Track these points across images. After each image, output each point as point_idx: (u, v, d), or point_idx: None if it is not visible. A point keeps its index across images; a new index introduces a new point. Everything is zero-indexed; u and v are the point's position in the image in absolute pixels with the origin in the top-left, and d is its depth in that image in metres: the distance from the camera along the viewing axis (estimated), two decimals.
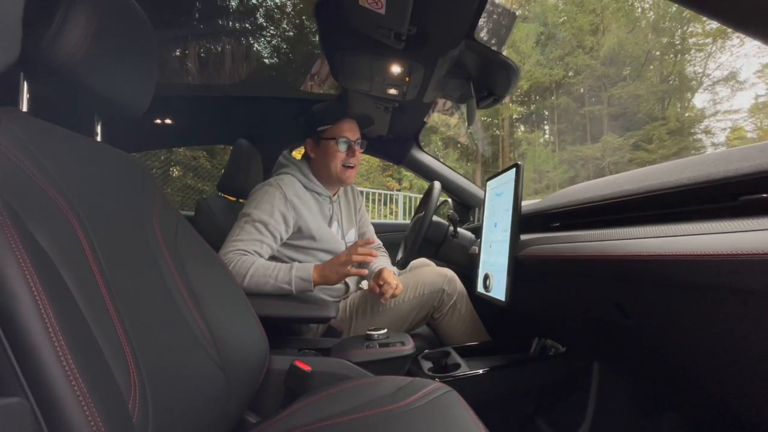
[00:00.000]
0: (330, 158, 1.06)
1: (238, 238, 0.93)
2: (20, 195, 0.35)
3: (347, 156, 1.07)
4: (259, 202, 0.97)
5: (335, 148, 1.05)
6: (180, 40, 1.63)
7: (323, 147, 1.07)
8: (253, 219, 0.95)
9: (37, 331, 0.28)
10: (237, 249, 0.91)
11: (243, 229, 0.95)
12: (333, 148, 1.05)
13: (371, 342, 0.87)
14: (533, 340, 0.99)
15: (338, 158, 1.06)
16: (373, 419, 0.55)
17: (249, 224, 0.95)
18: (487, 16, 0.90)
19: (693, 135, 9.42)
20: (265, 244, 0.95)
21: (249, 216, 0.96)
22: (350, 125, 1.08)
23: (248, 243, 0.93)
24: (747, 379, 0.48)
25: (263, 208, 0.96)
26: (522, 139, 12.22)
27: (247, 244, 0.93)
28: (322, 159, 1.08)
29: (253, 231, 0.94)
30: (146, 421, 0.37)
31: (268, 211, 0.96)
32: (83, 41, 0.45)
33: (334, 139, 1.05)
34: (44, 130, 0.43)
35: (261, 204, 0.97)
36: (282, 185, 1.01)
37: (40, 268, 0.31)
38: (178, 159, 5.38)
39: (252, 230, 0.94)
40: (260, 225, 0.95)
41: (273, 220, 0.96)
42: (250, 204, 0.99)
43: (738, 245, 0.36)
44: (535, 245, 0.72)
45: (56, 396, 0.28)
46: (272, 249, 0.98)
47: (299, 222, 1.02)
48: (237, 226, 0.96)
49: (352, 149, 1.07)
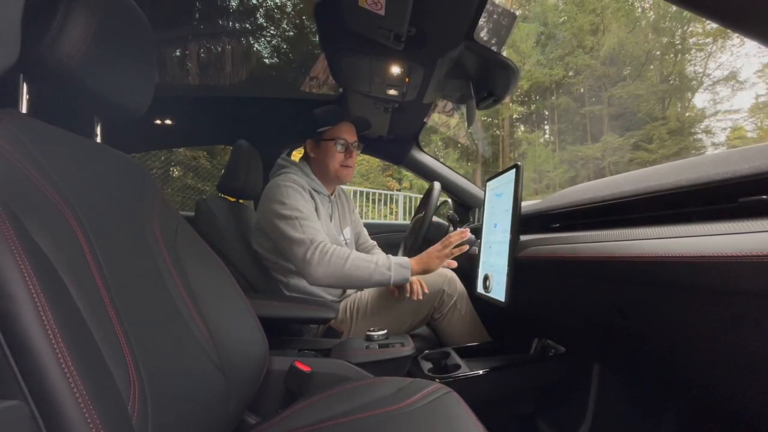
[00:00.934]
0: (329, 158, 1.10)
1: (305, 230, 0.95)
2: (19, 196, 0.35)
3: (345, 157, 1.11)
4: (291, 197, 1.00)
5: (333, 149, 1.09)
6: (180, 40, 1.63)
7: (322, 147, 1.11)
8: (301, 210, 0.98)
9: (36, 333, 0.28)
10: (316, 235, 0.94)
11: (299, 221, 0.96)
12: (332, 149, 1.10)
13: (371, 343, 0.87)
14: (533, 341, 0.99)
15: (336, 159, 1.10)
16: (373, 420, 0.55)
17: (301, 215, 0.97)
18: (486, 17, 0.90)
19: (693, 135, 9.41)
20: (321, 231, 0.99)
21: (294, 209, 0.98)
22: (348, 128, 1.12)
23: (317, 231, 0.96)
24: (746, 381, 0.48)
25: (299, 201, 1.00)
26: (522, 139, 12.22)
27: (318, 230, 0.96)
28: (321, 159, 1.12)
29: (310, 219, 0.98)
30: (146, 423, 0.37)
31: (303, 204, 1.00)
32: (83, 42, 0.45)
33: (332, 141, 1.09)
34: (44, 131, 0.43)
35: (294, 198, 1.00)
36: (294, 180, 1.05)
37: (39, 269, 0.31)
38: (178, 159, 5.37)
39: (309, 218, 0.98)
40: (308, 213, 0.99)
41: (310, 209, 1.01)
42: (282, 202, 0.99)
43: (738, 247, 0.36)
44: (534, 246, 0.72)
45: (55, 398, 0.28)
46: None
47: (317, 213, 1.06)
48: (289, 223, 0.96)
49: (350, 151, 1.12)
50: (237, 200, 1.32)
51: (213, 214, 1.13)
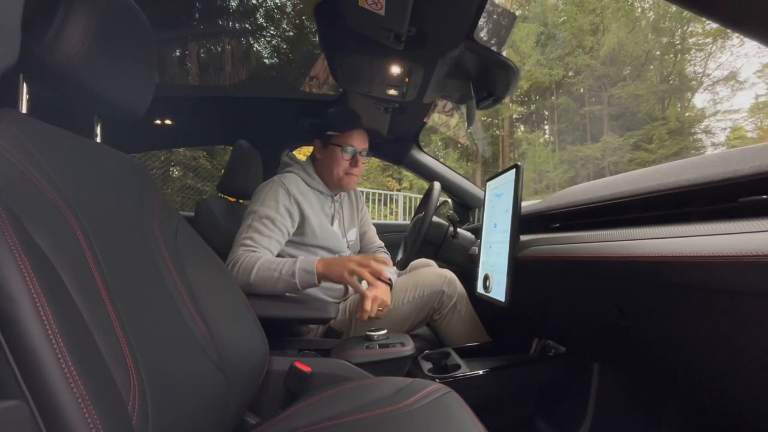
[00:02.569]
0: (334, 163, 1.09)
1: (246, 236, 0.94)
2: (19, 197, 0.35)
3: (350, 165, 1.10)
4: (264, 199, 0.99)
5: (340, 154, 1.08)
6: (180, 40, 1.63)
7: (329, 151, 1.10)
8: (260, 215, 0.96)
9: (36, 333, 0.28)
10: (246, 246, 0.92)
11: (251, 226, 0.95)
12: (338, 155, 1.08)
13: (371, 343, 0.87)
14: (533, 341, 0.99)
15: (341, 165, 1.09)
16: (373, 420, 0.55)
17: (256, 221, 0.96)
18: (486, 17, 0.90)
19: (693, 135, 9.42)
20: (273, 240, 0.96)
21: (255, 213, 0.97)
22: (359, 135, 1.10)
23: (257, 239, 0.94)
24: (747, 380, 0.48)
25: (268, 204, 0.98)
26: (522, 139, 12.22)
27: (256, 241, 0.93)
28: (326, 162, 1.11)
29: (261, 227, 0.95)
30: (146, 423, 0.36)
31: (273, 207, 0.97)
32: (82, 43, 0.45)
33: (340, 147, 1.08)
34: (44, 131, 0.43)
35: (266, 200, 0.98)
36: (285, 182, 1.03)
37: (39, 270, 0.31)
38: (178, 159, 5.38)
39: (260, 227, 0.95)
40: (267, 221, 0.96)
41: (279, 216, 0.98)
42: (255, 201, 1.00)
43: (738, 247, 0.36)
44: (534, 246, 0.72)
45: (55, 399, 0.28)
46: (280, 244, 0.99)
47: (302, 218, 1.03)
48: (244, 225, 0.96)
49: (356, 159, 1.10)
50: (237, 200, 1.33)
51: (213, 214, 1.13)
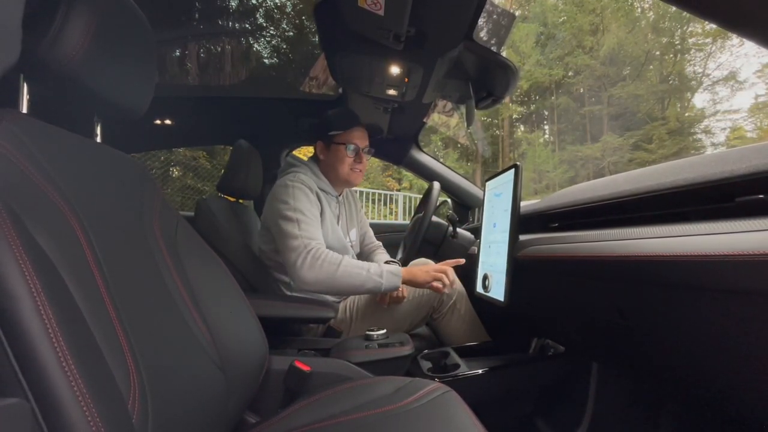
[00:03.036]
0: (338, 162, 1.10)
1: (304, 233, 0.94)
2: (20, 196, 0.35)
3: (355, 161, 1.11)
4: (294, 198, 0.99)
5: (344, 153, 1.09)
6: (180, 40, 1.63)
7: (333, 151, 1.11)
8: (302, 211, 0.98)
9: (36, 332, 0.28)
10: (313, 239, 0.94)
11: (300, 222, 0.96)
12: (342, 153, 1.09)
13: (370, 342, 0.87)
14: (532, 341, 0.99)
15: (346, 163, 1.10)
16: (373, 419, 0.55)
17: (302, 217, 0.97)
18: (486, 17, 0.90)
19: (693, 135, 9.41)
20: (321, 234, 0.99)
21: (296, 210, 0.97)
22: (360, 133, 1.12)
23: (316, 234, 0.96)
24: (745, 379, 0.49)
25: (303, 203, 0.99)
26: (522, 139, 12.22)
27: (316, 235, 0.96)
28: (330, 162, 1.12)
29: (311, 221, 0.97)
30: (146, 422, 0.37)
31: (306, 202, 1.00)
32: (83, 43, 0.45)
33: (344, 145, 1.09)
34: (44, 131, 0.43)
35: (297, 198, 0.99)
36: (303, 180, 1.05)
37: (40, 269, 0.31)
38: (177, 159, 5.38)
39: (309, 221, 0.97)
40: (310, 215, 0.99)
41: (315, 209, 1.01)
42: (285, 201, 0.99)
43: (735, 246, 0.36)
44: (534, 246, 0.72)
45: (56, 397, 0.28)
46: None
47: (322, 214, 1.06)
48: (291, 223, 0.96)
49: (360, 155, 1.11)
50: (237, 200, 1.33)
51: (213, 214, 1.13)
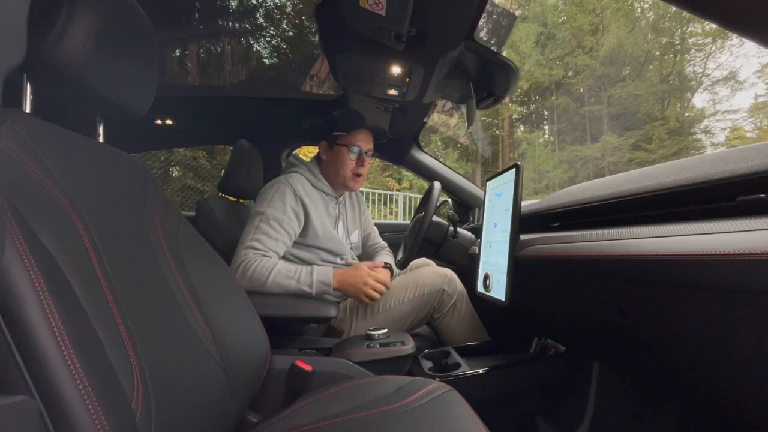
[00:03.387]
0: (340, 164, 1.09)
1: (255, 238, 0.94)
2: (24, 196, 0.35)
3: (357, 164, 1.10)
4: (271, 200, 0.99)
5: (346, 155, 1.08)
6: (180, 40, 1.63)
7: (335, 152, 1.10)
8: (268, 217, 0.96)
9: (41, 330, 0.29)
10: (255, 249, 0.92)
11: (258, 228, 0.95)
12: (344, 155, 1.08)
13: (372, 342, 0.87)
14: (533, 340, 0.99)
15: (348, 165, 1.09)
16: (374, 418, 0.56)
17: (264, 223, 0.96)
18: (486, 17, 0.90)
19: (693, 135, 9.41)
20: (280, 242, 0.97)
21: (263, 214, 0.97)
22: (365, 135, 1.11)
23: (266, 242, 0.94)
24: (745, 379, 0.49)
25: (276, 206, 0.98)
26: (522, 139, 12.23)
27: (265, 243, 0.94)
28: (332, 163, 1.11)
29: (269, 230, 0.95)
30: (149, 420, 0.37)
31: (281, 209, 0.98)
32: (85, 43, 0.45)
33: (346, 146, 1.08)
34: (47, 131, 0.44)
35: (273, 202, 0.98)
36: (291, 182, 1.03)
37: (45, 269, 0.31)
38: (178, 159, 5.38)
39: (268, 229, 0.95)
40: (275, 223, 0.96)
41: (286, 217, 0.98)
42: (262, 202, 0.99)
43: (736, 245, 0.36)
44: (534, 245, 0.72)
45: (61, 394, 0.28)
46: (287, 246, 0.99)
47: (306, 219, 1.04)
48: (251, 226, 0.96)
49: (362, 159, 1.10)
50: (238, 200, 1.33)
51: (214, 213, 1.13)
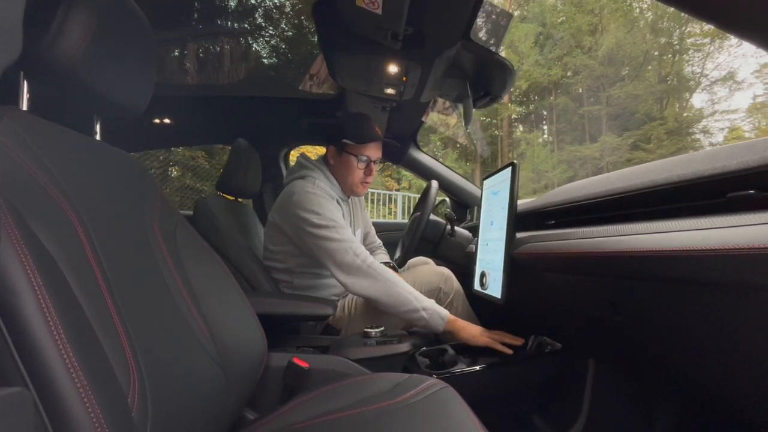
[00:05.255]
0: (348, 172, 1.10)
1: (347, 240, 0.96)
2: (21, 193, 0.36)
3: (365, 174, 1.11)
4: (324, 208, 0.99)
5: (355, 164, 1.09)
6: (179, 40, 1.63)
7: (344, 159, 1.10)
8: (336, 221, 0.98)
9: (38, 325, 0.29)
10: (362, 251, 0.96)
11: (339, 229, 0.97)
12: (353, 164, 1.09)
13: (369, 339, 0.87)
14: (529, 338, 1.00)
15: (356, 174, 1.10)
16: (371, 415, 0.56)
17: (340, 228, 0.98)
18: (483, 17, 0.91)
19: (691, 135, 9.43)
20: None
21: (330, 219, 0.97)
22: (375, 146, 1.11)
23: (359, 244, 0.97)
24: (739, 374, 0.49)
25: (333, 212, 1.00)
26: (521, 139, 12.24)
27: (360, 246, 0.97)
28: (340, 169, 1.12)
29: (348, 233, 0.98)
30: (145, 416, 0.37)
31: (338, 215, 1.00)
32: (82, 41, 0.45)
33: (355, 156, 1.08)
34: (44, 128, 0.44)
35: (327, 209, 0.99)
36: (325, 189, 1.05)
37: (42, 264, 0.31)
38: (176, 159, 5.38)
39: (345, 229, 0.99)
40: (344, 225, 0.99)
41: (342, 221, 1.01)
42: (315, 213, 0.98)
43: (727, 241, 0.37)
44: (530, 243, 0.73)
45: (57, 387, 0.28)
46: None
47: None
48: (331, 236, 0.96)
49: (370, 168, 1.11)
50: (236, 199, 1.33)
51: (212, 212, 1.13)
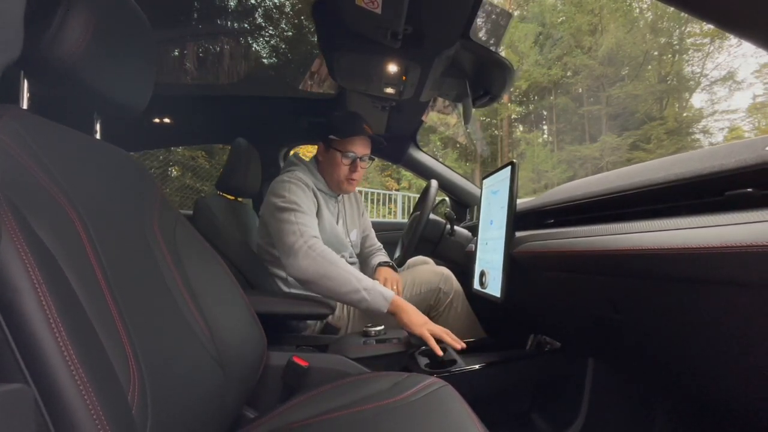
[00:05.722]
0: (334, 168, 1.10)
1: (300, 223, 0.94)
2: (22, 191, 0.36)
3: (350, 170, 1.10)
4: (291, 192, 0.99)
5: (340, 159, 1.09)
6: (179, 39, 1.64)
7: (331, 155, 1.10)
8: (299, 204, 0.97)
9: (38, 323, 0.29)
10: (308, 228, 0.94)
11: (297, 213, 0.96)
12: (338, 159, 1.09)
13: (368, 339, 0.87)
14: (529, 337, 1.00)
15: (341, 170, 1.10)
16: (370, 413, 0.56)
17: (298, 209, 0.97)
18: (483, 16, 0.91)
19: (691, 135, 9.44)
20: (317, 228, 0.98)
21: (293, 202, 0.97)
22: (361, 141, 1.10)
23: (312, 224, 0.96)
24: (737, 372, 0.49)
25: (299, 196, 0.99)
26: (521, 139, 12.25)
27: (312, 225, 0.95)
28: (327, 165, 1.12)
29: (307, 213, 0.97)
30: (145, 414, 0.37)
31: (303, 199, 1.00)
32: (83, 40, 0.45)
33: (340, 152, 1.08)
34: (44, 127, 0.44)
35: (294, 193, 0.99)
36: (301, 176, 1.05)
37: (42, 262, 0.31)
38: (176, 159, 5.38)
39: (306, 213, 0.97)
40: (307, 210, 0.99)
41: (310, 206, 1.01)
42: (282, 195, 0.99)
43: (725, 239, 0.37)
44: (529, 242, 0.73)
45: (57, 384, 0.28)
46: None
47: (318, 211, 1.06)
48: (286, 212, 0.96)
49: (355, 164, 1.10)
50: (236, 198, 1.33)
51: (212, 212, 1.13)
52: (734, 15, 0.37)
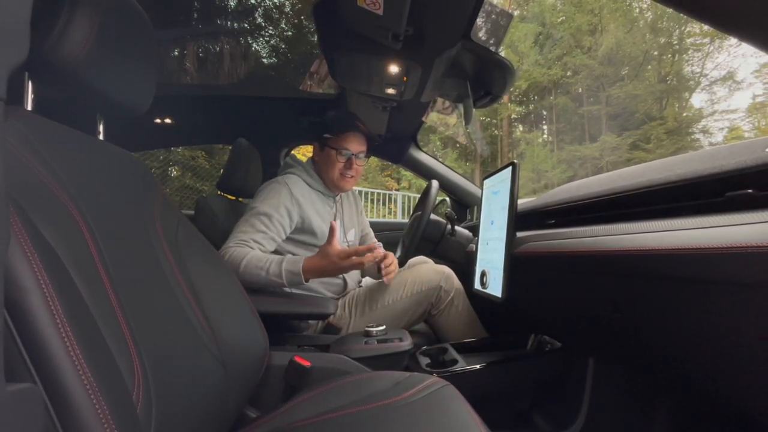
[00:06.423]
0: (329, 166, 1.10)
1: (241, 230, 0.96)
2: (27, 192, 0.36)
3: (345, 167, 1.10)
4: (265, 197, 1.01)
5: (335, 157, 1.08)
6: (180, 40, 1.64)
7: (326, 153, 1.11)
8: (258, 212, 0.98)
9: (45, 322, 0.29)
10: (238, 239, 0.94)
11: (247, 221, 0.98)
12: (333, 158, 1.09)
13: (370, 338, 0.88)
14: (530, 336, 1.00)
15: (336, 168, 1.09)
16: (371, 413, 0.56)
17: (254, 217, 0.98)
18: (483, 17, 0.91)
19: (691, 135, 9.44)
20: (268, 237, 0.98)
21: (254, 209, 0.99)
22: (355, 138, 1.10)
23: (250, 233, 0.96)
24: (738, 372, 0.50)
25: (270, 203, 1.00)
26: (521, 139, 12.25)
27: (250, 235, 0.95)
28: (323, 164, 1.12)
29: (257, 223, 0.97)
30: (150, 412, 0.37)
31: (273, 206, 1.00)
32: (86, 42, 0.45)
33: (335, 150, 1.08)
34: (48, 128, 0.44)
35: (267, 199, 1.00)
36: (288, 182, 1.05)
37: (48, 262, 0.32)
38: (176, 159, 5.38)
39: (256, 222, 0.97)
40: (264, 218, 0.98)
41: (278, 214, 0.99)
42: (256, 199, 1.02)
43: (725, 239, 0.37)
44: (530, 242, 0.73)
45: (64, 383, 0.29)
46: (275, 242, 1.00)
47: (303, 218, 1.05)
48: (242, 220, 0.99)
49: (351, 162, 1.10)
50: (237, 198, 1.34)
51: (213, 212, 1.14)
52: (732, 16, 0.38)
